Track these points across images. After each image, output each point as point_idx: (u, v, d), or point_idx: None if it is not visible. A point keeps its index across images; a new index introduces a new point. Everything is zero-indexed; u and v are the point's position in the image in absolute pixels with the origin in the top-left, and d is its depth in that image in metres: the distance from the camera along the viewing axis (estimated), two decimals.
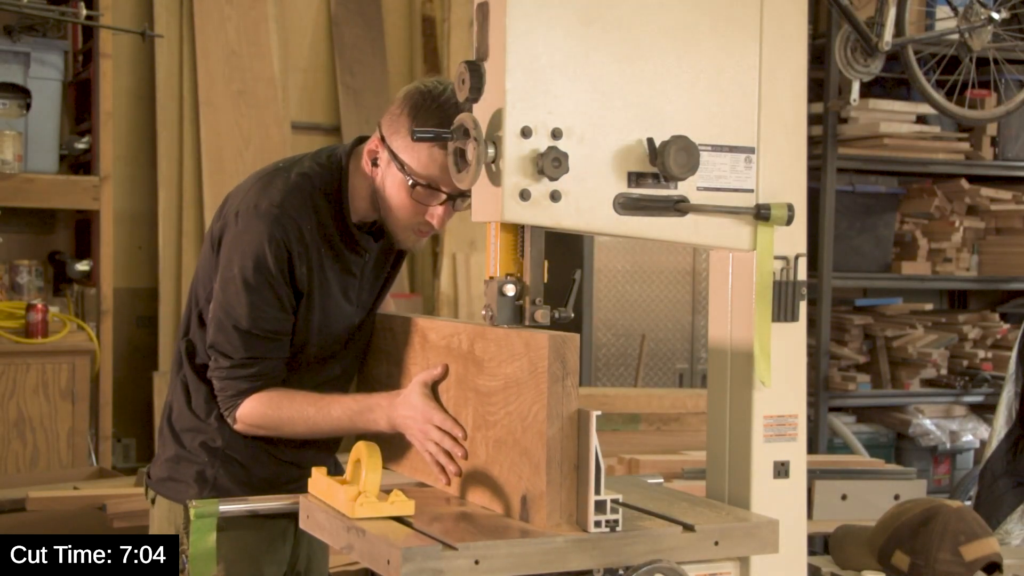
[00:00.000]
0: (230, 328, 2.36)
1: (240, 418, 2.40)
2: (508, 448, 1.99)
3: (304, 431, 2.39)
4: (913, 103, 5.81)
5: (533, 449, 1.91)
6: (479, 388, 2.09)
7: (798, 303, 2.08)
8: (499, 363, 2.03)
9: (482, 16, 1.91)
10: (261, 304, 2.34)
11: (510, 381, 1.99)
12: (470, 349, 2.12)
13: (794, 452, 2.09)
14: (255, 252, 2.32)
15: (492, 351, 2.05)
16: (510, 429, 1.99)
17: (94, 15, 5.06)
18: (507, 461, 2.00)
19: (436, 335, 2.27)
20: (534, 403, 1.91)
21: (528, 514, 1.93)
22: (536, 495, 1.90)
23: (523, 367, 1.95)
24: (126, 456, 5.59)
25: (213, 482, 2.47)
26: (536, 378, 1.91)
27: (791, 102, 2.07)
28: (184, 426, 2.51)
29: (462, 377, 2.16)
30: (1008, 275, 6.11)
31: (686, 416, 4.86)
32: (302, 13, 6.01)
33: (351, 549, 1.95)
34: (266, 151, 5.64)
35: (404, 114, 2.33)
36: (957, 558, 2.46)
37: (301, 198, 2.37)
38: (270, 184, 2.39)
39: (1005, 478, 3.80)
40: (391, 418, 2.27)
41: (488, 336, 2.06)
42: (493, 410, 2.04)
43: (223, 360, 2.39)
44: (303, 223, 2.36)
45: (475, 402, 2.11)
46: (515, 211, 1.89)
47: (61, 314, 4.99)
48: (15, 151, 4.93)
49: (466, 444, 2.14)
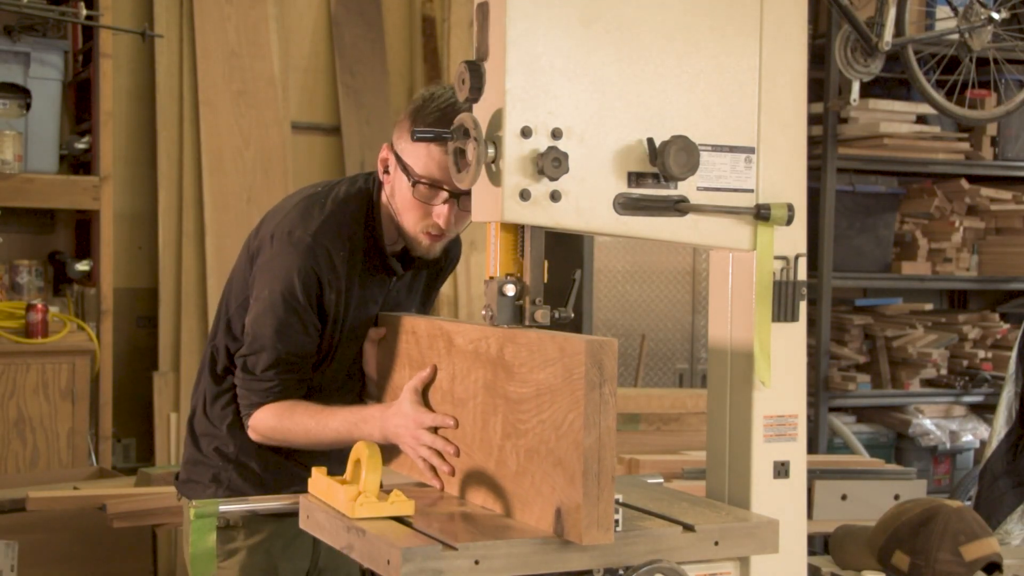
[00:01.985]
0: (256, 344, 2.43)
1: (253, 427, 2.47)
2: (541, 458, 1.90)
3: (306, 443, 2.43)
4: (913, 103, 5.81)
5: (568, 459, 1.83)
6: (509, 395, 2.00)
7: (798, 303, 2.08)
8: (531, 369, 1.94)
9: (482, 16, 1.91)
10: (287, 328, 2.41)
11: (543, 388, 1.90)
12: (499, 354, 2.02)
13: (794, 452, 2.09)
14: (285, 279, 2.39)
15: (523, 356, 1.96)
16: (543, 438, 1.90)
17: (94, 15, 5.06)
18: (539, 471, 1.91)
19: (463, 339, 2.16)
20: (569, 411, 1.83)
21: (563, 527, 1.84)
22: (572, 508, 1.82)
23: (557, 373, 1.86)
24: (126, 456, 5.59)
25: (228, 484, 2.54)
26: (571, 385, 1.82)
27: (791, 102, 2.07)
28: (202, 430, 2.58)
29: (491, 383, 2.05)
30: (1008, 275, 6.11)
31: (686, 416, 4.85)
32: (302, 13, 6.01)
33: (351, 549, 1.95)
34: (266, 151, 5.64)
35: (407, 118, 2.38)
36: (957, 558, 2.46)
37: (336, 226, 2.43)
38: (307, 212, 2.45)
39: (1005, 478, 3.80)
40: (383, 429, 2.29)
41: (519, 340, 1.97)
42: (524, 418, 1.95)
43: (247, 371, 2.45)
44: (335, 252, 2.41)
45: (505, 409, 2.01)
46: (515, 211, 1.89)
47: (61, 314, 4.99)
48: (15, 151, 4.93)
49: (495, 453, 2.04)
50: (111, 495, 4.00)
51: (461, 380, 2.15)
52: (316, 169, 5.99)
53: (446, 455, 2.17)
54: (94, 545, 4.10)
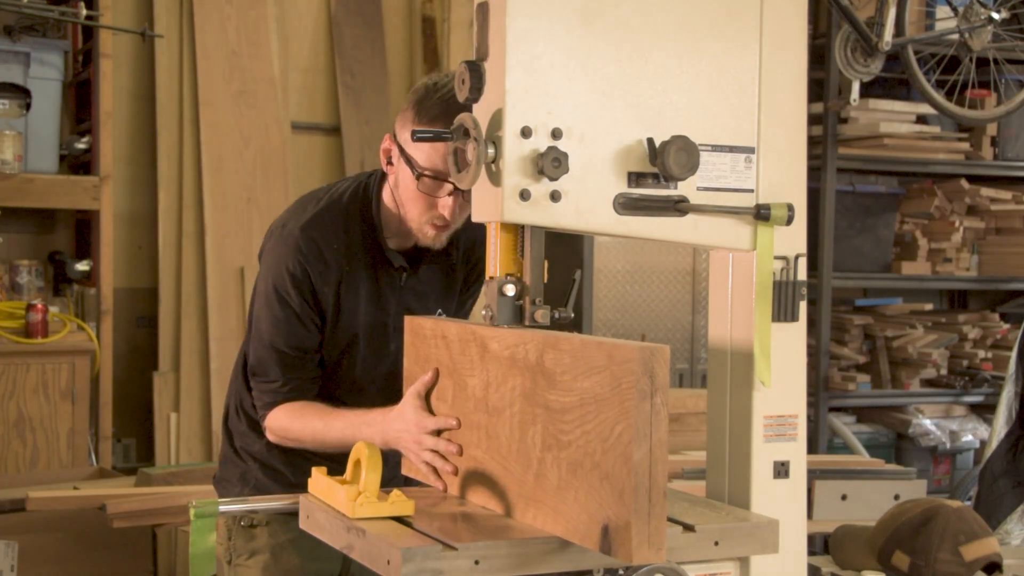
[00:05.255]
0: (256, 341, 2.46)
1: (269, 428, 2.49)
2: (586, 472, 1.79)
3: (314, 444, 2.44)
4: (913, 103, 5.81)
5: (616, 474, 1.72)
6: (550, 404, 1.88)
7: (798, 303, 2.08)
8: (574, 377, 1.82)
9: (482, 16, 1.91)
10: (282, 321, 2.42)
11: (588, 397, 1.79)
12: (539, 361, 1.91)
13: (794, 452, 2.09)
14: (275, 272, 2.41)
15: (566, 363, 1.84)
16: (588, 451, 1.79)
17: (94, 15, 5.07)
18: (584, 486, 1.80)
19: (498, 344, 2.02)
20: (617, 422, 1.73)
21: (611, 546, 1.74)
22: (620, 526, 1.72)
23: (604, 382, 1.75)
24: (126, 456, 5.59)
25: (254, 483, 2.56)
26: (620, 395, 1.72)
27: (791, 102, 2.07)
28: (234, 428, 2.62)
29: (529, 392, 1.93)
30: (1008, 275, 6.11)
31: (686, 416, 4.85)
32: (302, 13, 6.01)
33: (351, 549, 1.95)
34: (266, 151, 5.64)
35: (410, 108, 2.36)
36: (957, 558, 2.46)
37: (329, 219, 2.43)
38: (302, 206, 2.47)
39: (1005, 478, 3.80)
40: (385, 433, 2.27)
41: (561, 347, 1.86)
42: (567, 429, 1.84)
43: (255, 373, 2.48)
44: (325, 244, 2.41)
45: (545, 419, 1.90)
46: (515, 211, 1.89)
47: (61, 314, 4.99)
48: (15, 151, 4.93)
49: (534, 465, 1.93)
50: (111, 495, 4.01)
51: (496, 388, 2.03)
52: (316, 169, 5.99)
53: (448, 456, 2.17)
54: (94, 545, 4.10)
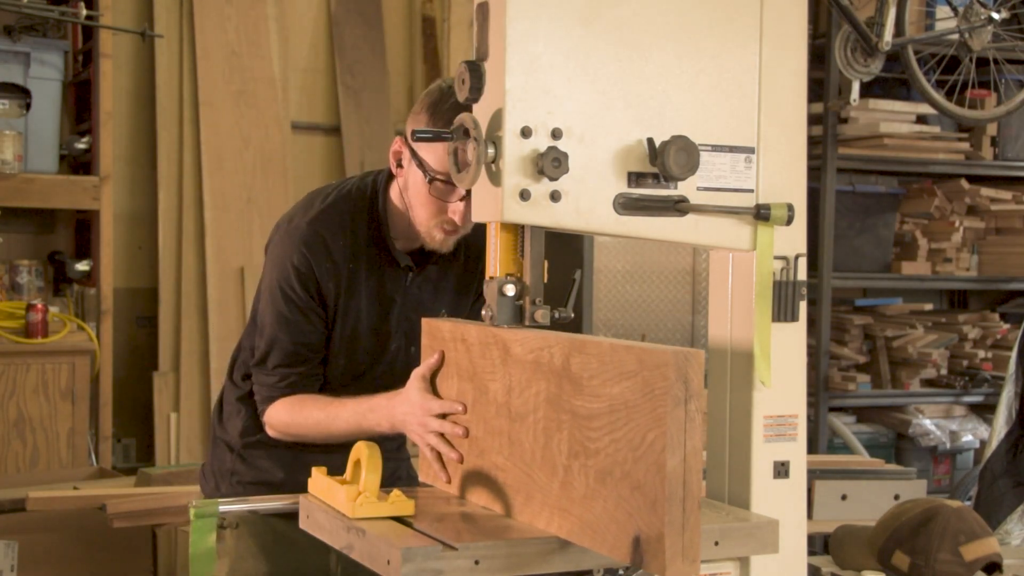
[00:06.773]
0: (259, 335, 2.47)
1: (269, 423, 2.49)
2: (615, 481, 1.74)
3: (318, 435, 2.44)
4: (913, 103, 5.81)
5: (648, 483, 1.67)
6: (577, 410, 1.83)
7: (798, 303, 2.08)
8: (603, 382, 1.77)
9: (482, 16, 1.91)
10: (286, 315, 2.43)
11: (617, 403, 1.74)
12: (565, 365, 1.86)
13: (794, 452, 2.09)
14: (280, 266, 2.42)
15: (594, 367, 1.79)
16: (617, 459, 1.74)
17: (94, 15, 5.07)
18: (613, 496, 1.75)
19: (521, 348, 1.97)
20: (649, 430, 1.67)
21: (642, 558, 1.69)
22: (653, 537, 1.66)
23: (635, 387, 1.70)
24: (126, 456, 5.59)
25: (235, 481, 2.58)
26: (652, 401, 1.67)
27: (791, 102, 2.07)
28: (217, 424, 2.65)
29: (555, 397, 1.88)
30: (1008, 275, 6.11)
31: None
32: (302, 13, 6.01)
33: (351, 549, 1.95)
34: (266, 151, 5.64)
35: (423, 111, 2.35)
36: (957, 558, 2.46)
37: (336, 215, 2.44)
38: (310, 202, 2.48)
39: (1005, 478, 3.80)
40: (391, 417, 2.28)
41: (588, 350, 1.80)
42: (595, 436, 1.79)
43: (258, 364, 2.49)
44: (331, 239, 2.42)
45: (571, 426, 1.84)
46: (515, 211, 1.89)
47: (61, 314, 4.99)
48: (15, 151, 4.93)
49: (560, 473, 1.88)
50: (111, 495, 4.01)
51: (519, 393, 1.98)
52: (316, 169, 5.99)
53: (453, 440, 2.16)
54: (94, 545, 4.10)
